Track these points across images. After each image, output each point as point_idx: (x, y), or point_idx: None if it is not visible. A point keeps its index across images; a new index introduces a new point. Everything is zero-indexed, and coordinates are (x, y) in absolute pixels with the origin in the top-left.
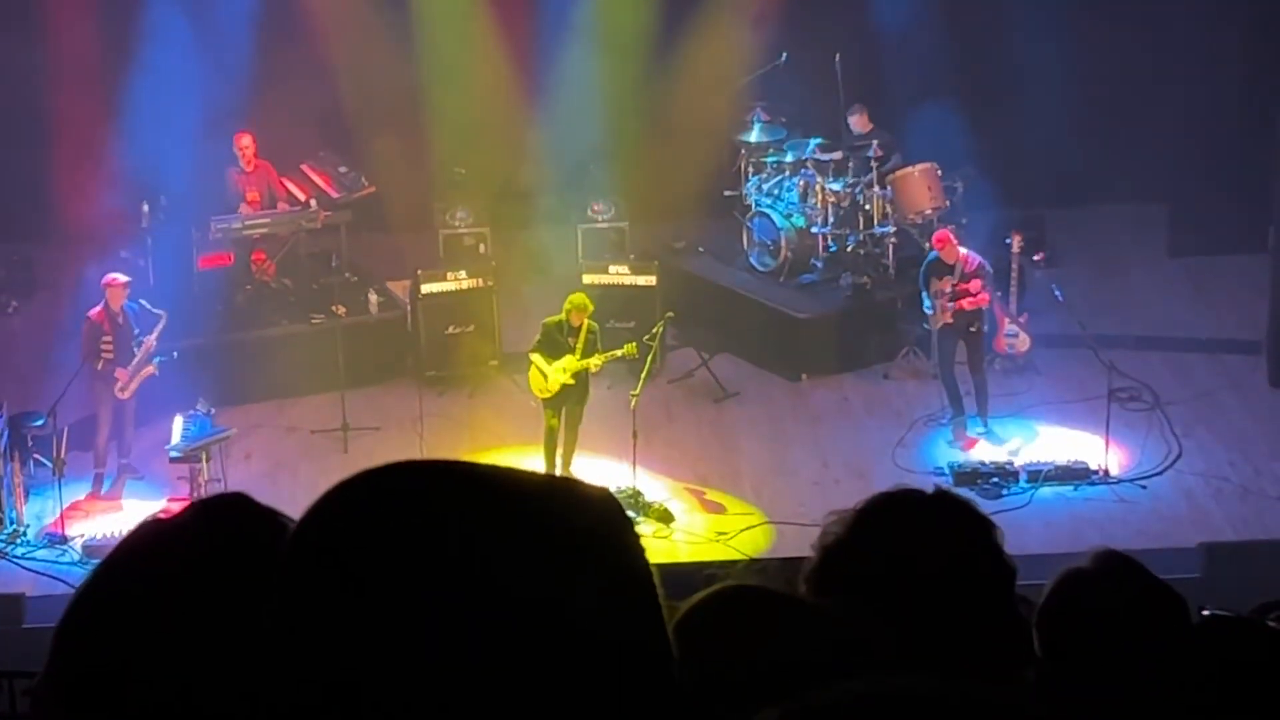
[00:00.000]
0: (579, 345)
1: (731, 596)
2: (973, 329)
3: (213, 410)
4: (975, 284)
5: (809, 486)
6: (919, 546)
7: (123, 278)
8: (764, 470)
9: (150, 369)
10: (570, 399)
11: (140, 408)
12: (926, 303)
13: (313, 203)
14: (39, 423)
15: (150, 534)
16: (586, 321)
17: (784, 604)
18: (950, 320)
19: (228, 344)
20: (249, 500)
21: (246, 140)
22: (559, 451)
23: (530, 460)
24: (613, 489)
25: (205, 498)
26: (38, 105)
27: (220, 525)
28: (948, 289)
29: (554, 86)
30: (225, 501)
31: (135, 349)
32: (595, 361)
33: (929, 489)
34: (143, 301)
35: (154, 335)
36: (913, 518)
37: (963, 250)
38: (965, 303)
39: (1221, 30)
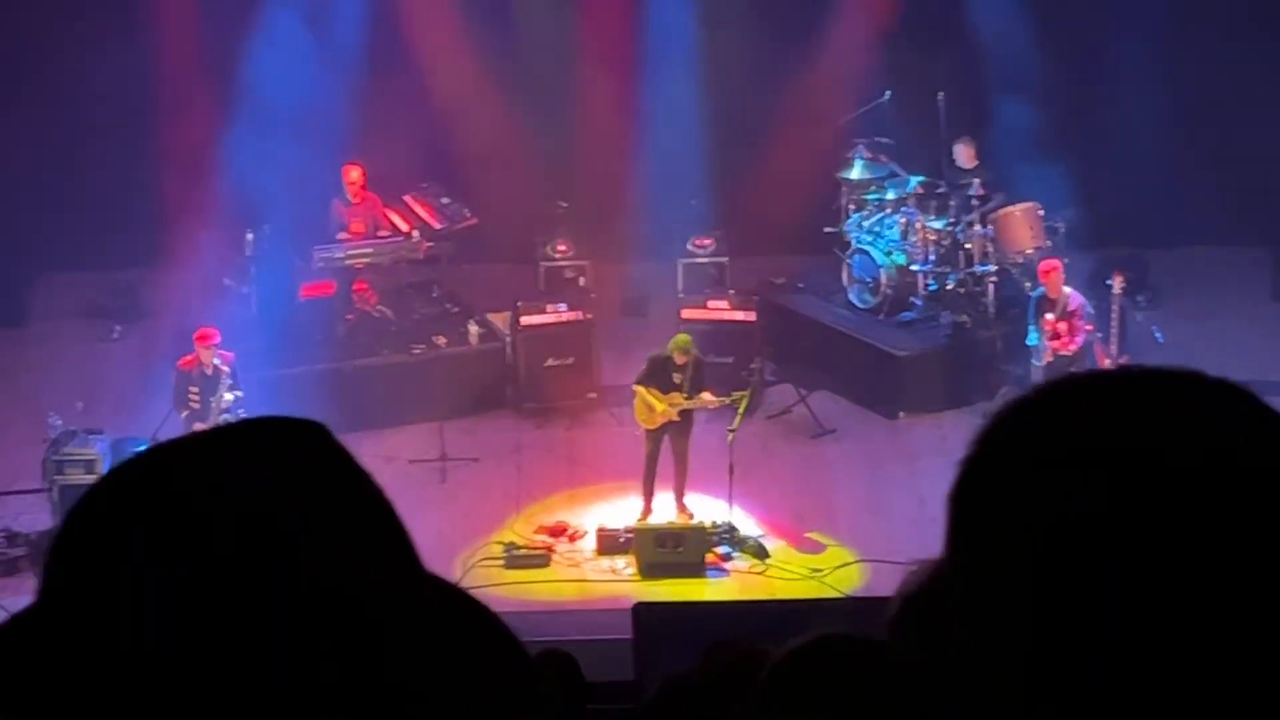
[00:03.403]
0: (686, 383)
1: (821, 647)
2: (1073, 370)
3: None
4: (1064, 325)
5: (905, 525)
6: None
7: (213, 336)
8: (860, 508)
9: None
10: (673, 430)
11: None
12: (1033, 338)
13: (415, 233)
14: (141, 448)
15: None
16: (690, 356)
17: (872, 655)
18: (1050, 359)
19: (328, 373)
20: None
21: (355, 174)
22: (672, 485)
23: (629, 492)
24: (708, 523)
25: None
26: (146, 131)
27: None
28: (1048, 327)
29: (657, 120)
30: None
31: (211, 403)
32: (710, 401)
33: None
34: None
35: (226, 397)
36: None
37: (1067, 288)
38: (1055, 344)
39: None
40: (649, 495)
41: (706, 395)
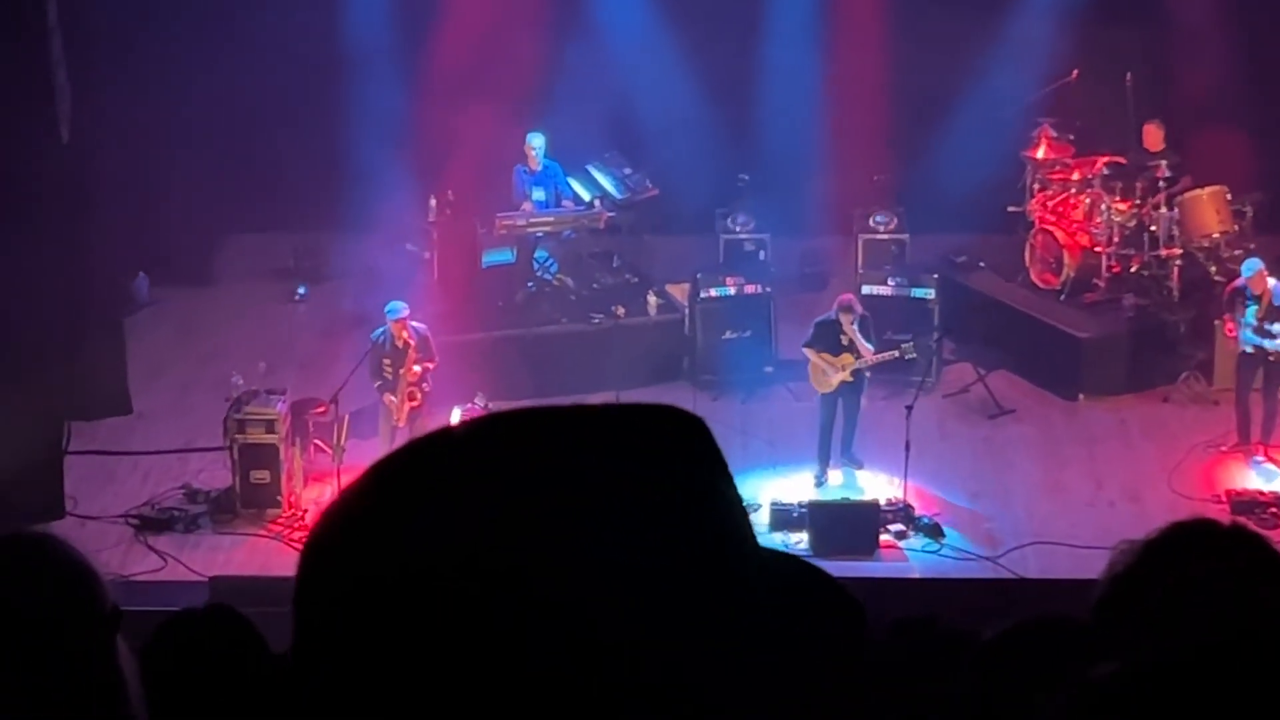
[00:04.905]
0: (854, 342)
1: (1032, 629)
2: (1271, 358)
3: (489, 404)
4: None
5: (1082, 508)
6: (1206, 582)
7: (404, 311)
8: (1036, 489)
9: (416, 397)
10: (846, 390)
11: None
12: (1247, 336)
13: (597, 203)
14: (321, 409)
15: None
16: (854, 316)
17: (1083, 637)
18: (1253, 351)
19: (507, 340)
20: None
21: (539, 141)
22: (839, 435)
23: (804, 466)
24: (883, 502)
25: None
26: (334, 94)
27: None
28: (1255, 320)
29: (840, 94)
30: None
31: (401, 374)
32: (869, 361)
33: (1225, 522)
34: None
35: (413, 369)
36: (1203, 552)
37: (1271, 280)
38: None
39: None
40: (825, 463)
41: (864, 347)
